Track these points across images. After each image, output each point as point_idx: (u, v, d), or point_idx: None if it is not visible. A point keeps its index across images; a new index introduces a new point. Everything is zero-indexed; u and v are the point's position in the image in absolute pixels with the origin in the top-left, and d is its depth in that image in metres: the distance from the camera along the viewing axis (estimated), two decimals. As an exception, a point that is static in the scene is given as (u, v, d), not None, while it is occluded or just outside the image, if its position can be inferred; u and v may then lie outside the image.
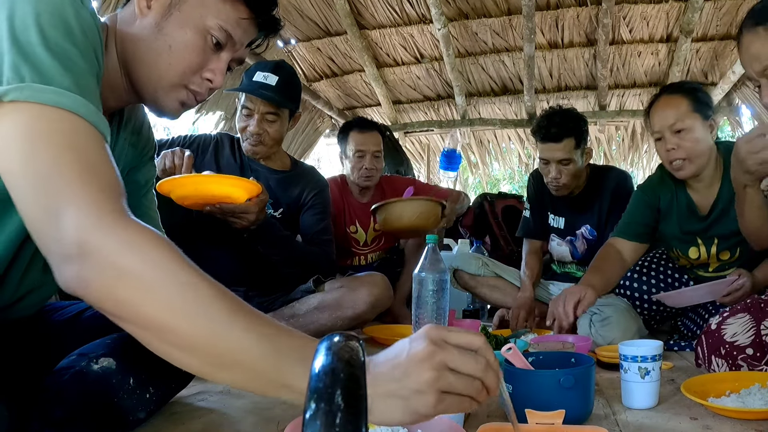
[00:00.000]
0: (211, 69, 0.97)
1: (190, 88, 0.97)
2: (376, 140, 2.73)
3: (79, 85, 0.74)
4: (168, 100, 0.98)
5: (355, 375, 0.54)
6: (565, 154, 2.28)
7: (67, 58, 0.75)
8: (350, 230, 2.82)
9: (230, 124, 3.96)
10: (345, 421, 0.50)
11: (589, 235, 2.45)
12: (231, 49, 0.99)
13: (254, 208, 1.71)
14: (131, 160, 1.13)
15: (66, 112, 0.72)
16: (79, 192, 0.68)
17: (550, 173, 2.33)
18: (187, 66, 0.95)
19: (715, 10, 4.04)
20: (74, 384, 0.96)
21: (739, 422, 1.15)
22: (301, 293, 1.98)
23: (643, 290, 2.13)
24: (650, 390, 1.27)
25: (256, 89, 1.97)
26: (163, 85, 0.95)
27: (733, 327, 1.48)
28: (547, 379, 1.14)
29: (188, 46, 0.94)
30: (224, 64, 0.99)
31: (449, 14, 4.23)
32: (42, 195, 0.68)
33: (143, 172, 1.17)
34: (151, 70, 0.94)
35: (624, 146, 5.33)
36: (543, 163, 2.36)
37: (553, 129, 2.26)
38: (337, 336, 0.59)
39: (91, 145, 0.73)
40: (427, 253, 1.75)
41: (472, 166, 5.88)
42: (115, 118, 1.05)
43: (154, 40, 0.93)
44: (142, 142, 1.15)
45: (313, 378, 0.55)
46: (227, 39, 0.97)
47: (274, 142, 2.06)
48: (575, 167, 2.32)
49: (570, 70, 4.70)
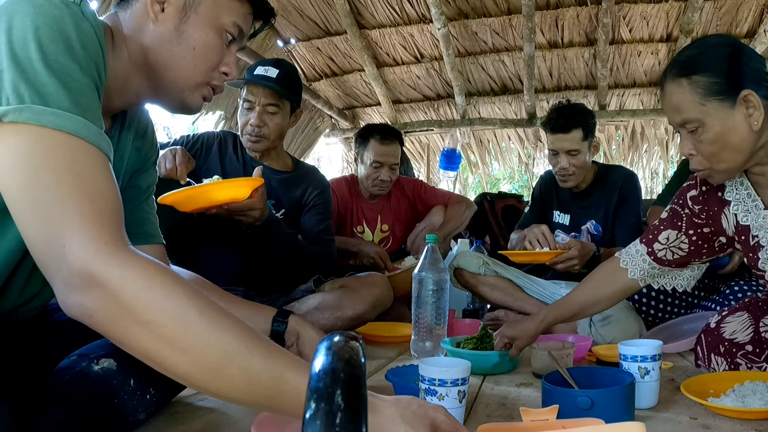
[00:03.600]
0: (227, 63, 1.02)
1: (211, 84, 1.02)
2: (395, 152, 2.76)
3: (79, 104, 0.74)
4: (193, 98, 1.02)
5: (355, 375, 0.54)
6: (573, 144, 2.36)
7: (67, 75, 0.74)
8: (357, 230, 2.83)
9: (230, 124, 3.96)
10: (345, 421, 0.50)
11: (594, 231, 2.48)
12: (240, 41, 1.04)
13: (259, 204, 1.72)
14: (134, 164, 1.13)
15: (66, 134, 0.72)
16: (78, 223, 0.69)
17: (559, 163, 2.40)
18: (211, 65, 0.99)
19: (715, 10, 4.05)
20: (75, 385, 0.95)
21: (738, 422, 1.15)
22: (301, 293, 1.98)
23: (642, 292, 2.14)
24: (650, 390, 1.27)
25: (257, 79, 2.01)
26: (189, 85, 0.99)
27: (732, 325, 1.49)
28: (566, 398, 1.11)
29: (209, 45, 0.98)
30: (235, 57, 1.04)
31: (449, 14, 4.23)
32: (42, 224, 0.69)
33: (145, 177, 1.17)
34: (177, 73, 0.97)
35: (624, 146, 5.33)
36: (552, 155, 2.44)
37: (563, 120, 2.37)
38: (337, 336, 0.59)
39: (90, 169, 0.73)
40: (427, 253, 1.76)
41: (472, 166, 5.88)
42: (117, 119, 1.05)
43: (177, 44, 0.95)
44: (147, 145, 1.15)
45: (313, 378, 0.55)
46: (239, 34, 1.02)
47: (276, 136, 2.07)
48: (583, 158, 2.40)
49: (570, 69, 4.71)
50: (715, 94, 1.21)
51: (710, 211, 1.44)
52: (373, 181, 2.74)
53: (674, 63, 1.29)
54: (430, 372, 1.10)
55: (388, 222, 2.89)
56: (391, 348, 1.98)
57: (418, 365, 1.14)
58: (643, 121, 5.02)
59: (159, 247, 1.19)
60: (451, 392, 1.09)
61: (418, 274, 1.72)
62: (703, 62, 1.24)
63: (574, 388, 1.19)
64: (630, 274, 1.54)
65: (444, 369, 1.10)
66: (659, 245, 1.51)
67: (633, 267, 1.54)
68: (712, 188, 1.43)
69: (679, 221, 1.49)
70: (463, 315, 2.87)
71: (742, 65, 1.22)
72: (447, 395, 1.08)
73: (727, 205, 1.40)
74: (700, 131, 1.24)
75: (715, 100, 1.21)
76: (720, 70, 1.22)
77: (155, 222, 1.20)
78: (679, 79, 1.25)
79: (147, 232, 1.17)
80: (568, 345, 1.60)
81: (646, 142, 5.25)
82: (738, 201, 1.39)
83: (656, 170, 5.56)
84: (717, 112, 1.22)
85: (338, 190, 2.78)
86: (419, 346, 1.72)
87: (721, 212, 1.42)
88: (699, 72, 1.23)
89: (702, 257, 1.52)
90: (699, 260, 1.53)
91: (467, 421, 1.18)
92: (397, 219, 2.91)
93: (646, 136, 5.17)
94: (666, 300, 2.20)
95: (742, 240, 1.39)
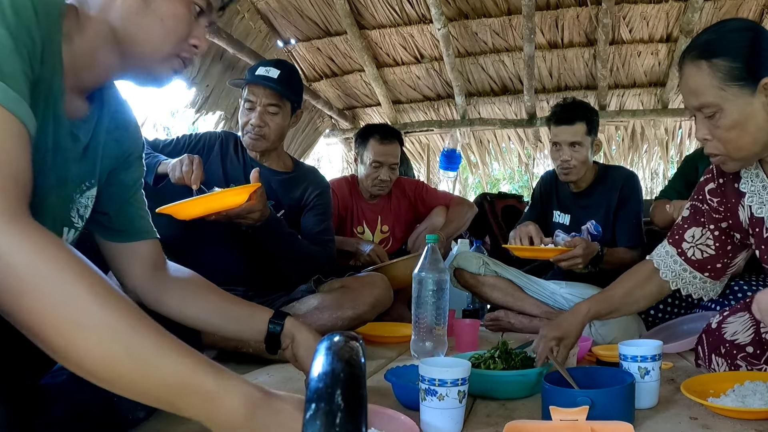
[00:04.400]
0: (196, 36, 1.01)
1: (181, 56, 1.01)
2: (395, 152, 2.76)
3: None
4: (162, 69, 1.00)
5: (355, 375, 0.54)
6: (576, 136, 2.38)
7: None
8: (357, 230, 2.83)
9: (230, 124, 3.96)
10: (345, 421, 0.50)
11: (594, 231, 2.48)
12: (209, 15, 1.03)
13: (258, 206, 1.73)
14: (116, 157, 1.11)
15: None
16: None
17: (562, 156, 2.41)
18: (180, 36, 0.98)
19: (715, 10, 4.05)
20: (73, 384, 0.95)
21: (738, 422, 1.15)
22: (301, 293, 1.98)
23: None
24: (650, 390, 1.27)
25: (259, 79, 2.01)
26: (157, 57, 0.98)
27: (733, 326, 1.48)
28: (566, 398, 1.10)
29: (178, 17, 0.97)
30: (204, 30, 1.03)
31: (449, 14, 4.23)
32: None
33: (130, 172, 1.15)
34: (145, 46, 0.96)
35: (624, 146, 5.33)
36: (555, 148, 2.45)
37: (566, 113, 2.40)
38: (337, 336, 0.59)
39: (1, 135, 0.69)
40: (427, 253, 1.76)
41: (472, 166, 5.88)
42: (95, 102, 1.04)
43: (144, 17, 0.94)
44: (130, 140, 1.14)
45: (313, 378, 0.55)
46: (207, 6, 1.01)
47: (276, 136, 2.07)
48: (585, 153, 2.41)
49: (570, 70, 4.71)
50: (735, 79, 1.19)
51: (728, 203, 1.42)
52: (372, 180, 2.75)
53: (694, 45, 1.26)
54: (430, 372, 1.10)
55: (388, 223, 2.89)
56: (391, 348, 1.99)
57: (418, 365, 1.14)
58: (643, 121, 5.02)
59: (154, 242, 1.18)
60: (451, 392, 1.09)
61: (418, 274, 1.72)
62: (723, 46, 1.21)
63: (574, 388, 1.19)
64: (662, 275, 1.51)
65: (444, 369, 1.10)
66: (687, 244, 1.49)
67: (665, 269, 1.51)
68: (729, 180, 1.41)
69: (701, 217, 1.48)
70: (463, 315, 2.87)
71: (763, 51, 1.20)
72: (447, 395, 1.08)
73: (743, 196, 1.38)
74: (718, 116, 1.22)
75: (735, 86, 1.19)
76: (741, 55, 1.20)
77: (147, 216, 1.19)
78: (699, 62, 1.22)
79: (138, 229, 1.16)
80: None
81: (646, 143, 5.24)
82: (753, 193, 1.37)
83: (656, 170, 5.56)
84: (736, 98, 1.20)
85: (339, 191, 2.78)
86: (419, 346, 1.71)
87: (738, 204, 1.40)
88: (720, 55, 1.20)
89: (729, 256, 1.48)
90: (729, 261, 1.49)
91: (467, 421, 1.18)
92: (398, 220, 2.91)
93: (646, 137, 5.17)
94: (666, 300, 2.20)
95: (756, 232, 1.38)
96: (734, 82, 1.19)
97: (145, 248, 1.16)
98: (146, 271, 1.15)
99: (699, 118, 1.26)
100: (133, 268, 1.15)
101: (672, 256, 1.51)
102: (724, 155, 1.27)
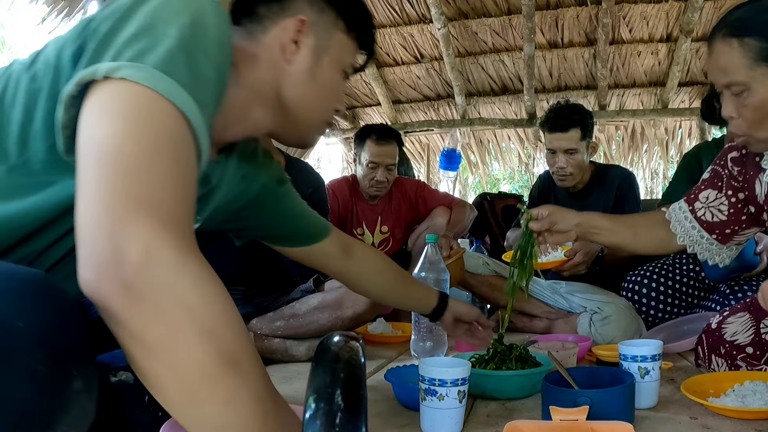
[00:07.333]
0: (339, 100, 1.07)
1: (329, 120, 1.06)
2: (392, 153, 2.74)
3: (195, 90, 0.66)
4: (314, 134, 1.06)
5: (355, 375, 0.54)
6: (571, 144, 2.37)
7: (195, 61, 0.68)
8: (357, 232, 2.82)
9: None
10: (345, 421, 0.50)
11: (592, 231, 2.48)
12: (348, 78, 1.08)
13: None
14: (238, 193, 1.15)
15: (177, 109, 0.63)
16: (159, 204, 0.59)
17: (557, 163, 2.41)
18: (335, 104, 1.04)
19: (715, 10, 4.05)
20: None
21: (738, 422, 1.15)
22: (301, 293, 1.98)
23: (643, 293, 2.14)
24: (650, 390, 1.27)
25: None
26: (315, 124, 1.03)
27: (733, 326, 1.49)
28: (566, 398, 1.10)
29: (337, 86, 1.02)
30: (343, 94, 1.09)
31: (449, 14, 4.23)
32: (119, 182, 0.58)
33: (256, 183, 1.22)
34: (306, 113, 0.99)
35: (624, 146, 5.33)
36: (550, 154, 2.45)
37: (561, 119, 2.39)
38: (337, 336, 0.59)
39: (186, 154, 0.64)
40: (426, 252, 1.76)
41: (472, 166, 5.88)
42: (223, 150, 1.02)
43: (309, 86, 0.97)
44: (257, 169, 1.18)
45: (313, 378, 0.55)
46: (353, 71, 1.07)
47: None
48: (581, 158, 2.40)
49: (570, 69, 4.70)
50: (765, 60, 1.18)
51: (747, 174, 1.42)
52: (369, 181, 2.73)
53: (725, 22, 1.25)
54: (430, 372, 1.10)
55: (388, 224, 2.88)
56: (391, 348, 1.98)
57: (418, 365, 1.14)
58: (643, 121, 5.01)
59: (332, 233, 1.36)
60: (451, 392, 1.09)
61: (417, 274, 1.72)
62: (756, 25, 1.20)
63: (574, 388, 1.19)
64: (672, 228, 1.51)
65: (444, 369, 1.10)
66: (699, 203, 1.49)
67: (675, 222, 1.51)
68: (752, 153, 1.40)
69: (719, 181, 1.47)
70: (463, 315, 2.86)
71: None
72: (447, 395, 1.08)
73: (762, 172, 1.37)
74: (745, 95, 1.21)
75: (765, 66, 1.18)
76: None
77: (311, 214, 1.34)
78: (730, 39, 1.21)
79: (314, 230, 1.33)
80: (569, 345, 1.61)
81: (646, 142, 5.24)
82: None
83: (656, 170, 5.56)
84: (765, 78, 1.19)
85: (339, 192, 2.78)
86: (419, 346, 1.72)
87: (756, 177, 1.39)
88: (751, 35, 1.19)
89: (742, 227, 1.46)
90: (740, 230, 1.47)
91: (467, 421, 1.18)
92: (398, 221, 2.91)
93: (646, 136, 5.17)
94: (666, 300, 2.20)
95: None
96: (765, 62, 1.18)
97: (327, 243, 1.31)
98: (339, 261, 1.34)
99: (726, 96, 1.26)
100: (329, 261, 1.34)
101: (684, 212, 1.51)
102: (748, 135, 1.26)
